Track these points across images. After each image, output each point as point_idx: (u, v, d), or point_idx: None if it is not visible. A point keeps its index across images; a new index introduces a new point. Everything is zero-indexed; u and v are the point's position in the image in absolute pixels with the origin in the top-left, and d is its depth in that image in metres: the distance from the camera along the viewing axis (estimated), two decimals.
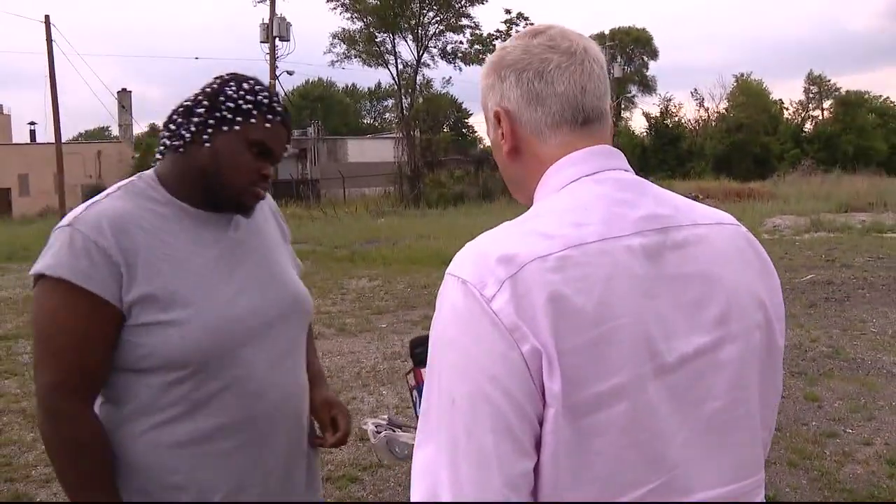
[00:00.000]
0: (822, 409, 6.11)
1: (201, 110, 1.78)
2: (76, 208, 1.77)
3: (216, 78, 1.85)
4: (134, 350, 1.70)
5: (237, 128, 1.77)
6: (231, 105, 1.77)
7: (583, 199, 1.17)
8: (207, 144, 1.77)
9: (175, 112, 1.83)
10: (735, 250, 1.24)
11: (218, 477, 1.76)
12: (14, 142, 55.38)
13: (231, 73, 1.85)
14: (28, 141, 57.02)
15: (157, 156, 1.87)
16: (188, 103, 1.81)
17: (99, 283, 1.66)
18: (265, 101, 1.80)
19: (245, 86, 1.80)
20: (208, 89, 1.81)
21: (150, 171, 1.87)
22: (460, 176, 40.57)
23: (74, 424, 1.68)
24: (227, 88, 1.79)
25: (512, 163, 1.29)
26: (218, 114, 1.77)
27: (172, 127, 1.81)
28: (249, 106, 1.78)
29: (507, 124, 1.26)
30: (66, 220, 1.72)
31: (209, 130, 1.77)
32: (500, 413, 1.02)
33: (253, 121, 1.78)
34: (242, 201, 1.83)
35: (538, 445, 1.05)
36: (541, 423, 1.05)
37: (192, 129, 1.78)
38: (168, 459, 1.73)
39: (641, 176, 1.24)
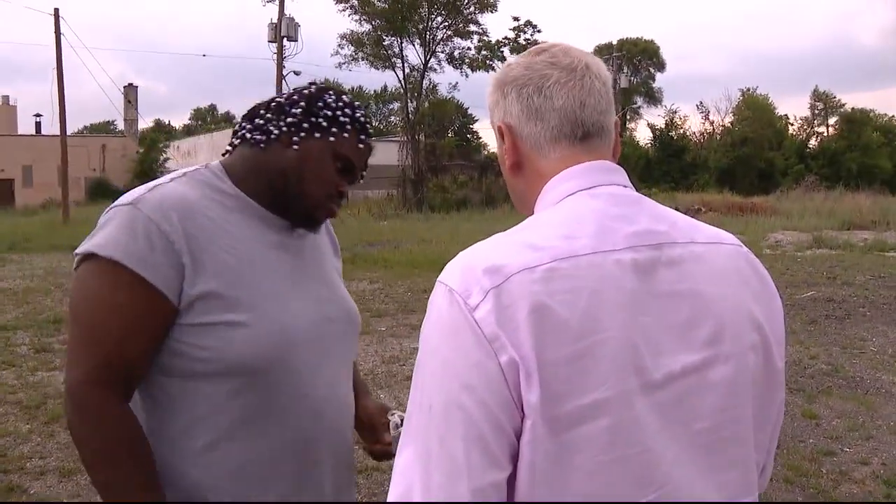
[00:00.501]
0: (819, 427, 6.10)
1: (297, 111, 1.70)
2: (137, 189, 1.63)
3: (311, 84, 1.78)
4: (192, 352, 1.56)
5: (331, 139, 1.70)
6: (328, 114, 1.70)
7: (576, 213, 1.17)
8: (295, 147, 1.69)
9: (262, 107, 1.75)
10: (733, 270, 1.22)
11: (272, 495, 1.65)
12: (19, 133, 55.53)
13: (324, 85, 1.78)
14: (33, 132, 57.12)
15: (228, 147, 1.78)
16: (281, 101, 1.73)
17: (155, 271, 1.52)
18: (361, 118, 1.74)
19: (345, 98, 1.74)
20: (305, 92, 1.74)
21: (215, 163, 1.76)
22: (464, 181, 40.67)
23: (111, 420, 1.53)
24: (327, 97, 1.72)
25: (515, 177, 1.31)
26: (314, 119, 1.69)
27: (259, 121, 1.72)
28: (346, 119, 1.71)
29: (509, 139, 1.28)
30: (125, 199, 1.59)
31: (301, 134, 1.69)
32: (473, 422, 1.03)
33: (346, 135, 1.71)
34: (315, 215, 1.74)
35: (515, 457, 1.05)
36: (518, 436, 1.04)
37: (283, 127, 1.69)
38: (223, 481, 1.60)
39: (644, 188, 1.26)
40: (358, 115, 1.73)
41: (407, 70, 42.43)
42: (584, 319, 1.05)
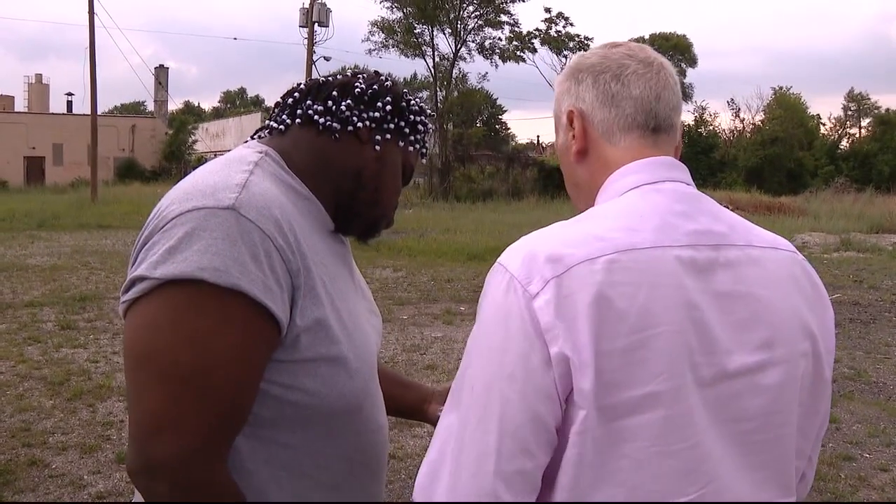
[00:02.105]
0: (839, 432, 6.04)
1: (387, 108, 1.50)
2: (214, 183, 1.28)
3: (378, 74, 1.58)
4: (284, 395, 1.30)
5: (410, 149, 1.56)
6: (412, 119, 1.54)
7: (639, 207, 1.17)
8: (377, 147, 1.49)
9: (334, 86, 1.50)
10: (788, 276, 1.23)
11: None
12: (51, 111, 56.01)
13: (394, 80, 1.59)
14: (64, 111, 57.60)
15: (279, 126, 1.50)
16: (361, 87, 1.50)
17: (279, 301, 1.24)
18: (430, 131, 1.63)
19: (422, 105, 1.58)
20: (387, 84, 1.53)
21: (268, 148, 1.45)
22: (491, 172, 40.61)
23: (228, 497, 1.24)
24: (413, 100, 1.56)
25: (579, 165, 1.31)
26: (398, 121, 1.52)
27: (333, 106, 1.48)
28: (422, 128, 1.57)
29: (579, 124, 1.28)
30: (217, 201, 1.24)
31: (386, 135, 1.50)
32: (510, 412, 1.05)
33: (418, 146, 1.58)
34: (378, 224, 1.56)
35: (551, 447, 1.07)
36: (557, 427, 1.06)
37: (367, 121, 1.48)
38: None
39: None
40: (430, 126, 1.61)
41: (437, 59, 42.50)
42: (641, 312, 1.06)
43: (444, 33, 42.38)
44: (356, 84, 1.51)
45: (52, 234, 19.43)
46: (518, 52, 43.38)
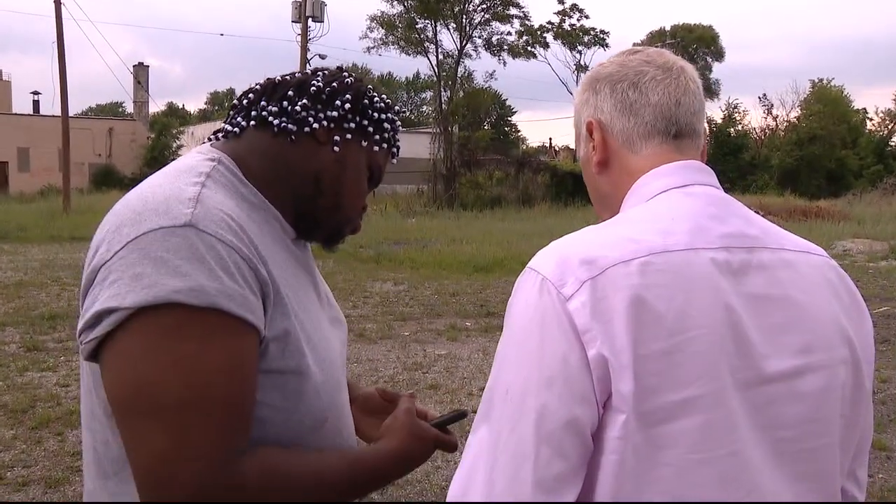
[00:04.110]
0: (890, 461, 5.93)
1: (346, 106, 1.51)
2: (166, 199, 1.30)
3: (341, 70, 1.60)
4: (255, 412, 1.31)
5: (376, 148, 1.57)
6: (375, 117, 1.55)
7: (671, 210, 1.23)
8: (336, 149, 1.51)
9: (290, 85, 1.52)
10: (824, 281, 1.27)
11: None
12: (14, 112, 55.52)
13: (357, 74, 1.60)
14: (31, 112, 57.34)
15: (233, 129, 1.52)
16: (318, 84, 1.52)
17: (258, 310, 1.29)
18: (399, 129, 1.63)
19: (388, 102, 1.59)
20: (347, 81, 1.55)
21: (221, 154, 1.47)
22: (499, 178, 40.62)
23: (275, 480, 1.29)
24: (375, 96, 1.56)
25: (600, 176, 1.39)
26: (360, 120, 1.53)
27: (289, 105, 1.49)
28: (388, 127, 1.58)
29: (598, 135, 1.36)
30: (172, 220, 1.26)
31: (347, 135, 1.52)
32: (547, 416, 1.09)
33: (385, 146, 1.59)
34: (342, 230, 1.59)
35: (587, 451, 1.10)
36: (593, 431, 1.10)
37: (325, 121, 1.49)
38: None
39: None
40: (398, 124, 1.62)
41: (441, 56, 42.53)
42: (678, 315, 1.11)
43: (449, 29, 42.47)
44: (313, 82, 1.52)
45: (18, 248, 19.39)
46: (529, 48, 43.52)
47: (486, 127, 50.47)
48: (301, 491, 1.31)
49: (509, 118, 63.16)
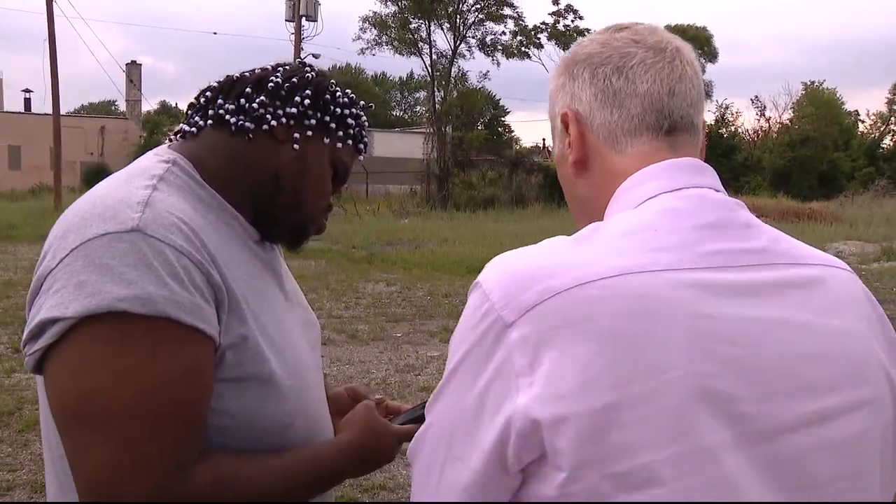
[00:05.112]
0: None
1: (305, 102, 1.47)
2: (114, 203, 1.26)
3: (303, 66, 1.56)
4: (213, 421, 1.28)
5: (339, 145, 1.52)
6: (337, 112, 1.51)
7: (654, 220, 1.02)
8: (295, 146, 1.47)
9: (248, 82, 1.49)
10: (851, 301, 1.06)
11: None
12: (6, 110, 55.53)
13: (320, 70, 1.57)
14: (22, 110, 57.28)
15: (191, 129, 1.49)
16: (276, 80, 1.48)
17: (210, 316, 1.26)
18: (365, 124, 1.59)
19: (352, 96, 1.56)
20: (308, 76, 1.51)
21: (177, 155, 1.43)
22: (493, 178, 40.51)
23: (214, 486, 1.25)
24: (338, 91, 1.52)
25: (577, 179, 1.17)
26: (321, 116, 1.49)
27: (246, 103, 1.46)
28: (352, 122, 1.54)
29: (575, 129, 1.15)
30: (119, 225, 1.22)
31: (307, 132, 1.48)
32: (461, 477, 0.96)
33: (349, 142, 1.55)
34: (307, 230, 1.55)
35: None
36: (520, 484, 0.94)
37: (284, 118, 1.46)
38: None
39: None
40: (363, 120, 1.58)
41: (434, 56, 42.35)
42: (650, 352, 0.90)
43: (442, 29, 42.34)
44: (272, 78, 1.49)
45: (8, 246, 19.22)
46: (522, 49, 43.32)
47: (479, 127, 50.35)
48: (256, 495, 1.30)
49: (503, 118, 63.12)
